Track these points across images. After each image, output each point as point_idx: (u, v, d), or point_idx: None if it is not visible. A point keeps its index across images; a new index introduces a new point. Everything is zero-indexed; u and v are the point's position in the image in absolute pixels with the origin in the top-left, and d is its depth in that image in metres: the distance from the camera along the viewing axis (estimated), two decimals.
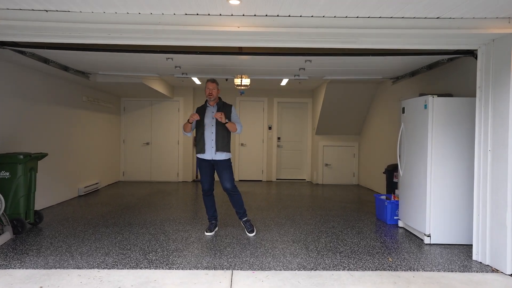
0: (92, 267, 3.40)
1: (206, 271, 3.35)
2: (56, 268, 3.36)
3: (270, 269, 3.43)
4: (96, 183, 7.70)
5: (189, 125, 4.45)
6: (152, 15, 3.28)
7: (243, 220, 4.60)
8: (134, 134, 9.41)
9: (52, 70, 5.55)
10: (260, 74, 6.40)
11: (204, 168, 4.52)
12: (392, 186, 5.93)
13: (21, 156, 4.41)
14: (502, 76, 3.46)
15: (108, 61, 5.27)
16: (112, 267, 3.42)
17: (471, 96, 4.34)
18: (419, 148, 4.39)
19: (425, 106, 4.25)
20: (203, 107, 4.58)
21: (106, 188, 8.10)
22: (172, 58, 4.97)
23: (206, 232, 4.54)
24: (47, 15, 3.21)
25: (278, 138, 9.81)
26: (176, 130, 9.42)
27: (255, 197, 7.25)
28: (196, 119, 4.39)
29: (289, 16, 3.31)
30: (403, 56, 4.60)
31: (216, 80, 4.51)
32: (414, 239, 4.44)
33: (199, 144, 4.47)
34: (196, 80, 7.71)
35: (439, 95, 4.24)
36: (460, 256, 3.85)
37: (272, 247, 4.07)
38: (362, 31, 3.47)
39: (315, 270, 3.42)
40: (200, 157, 4.51)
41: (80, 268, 3.37)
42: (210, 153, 4.45)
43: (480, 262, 3.67)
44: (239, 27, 3.41)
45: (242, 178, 9.75)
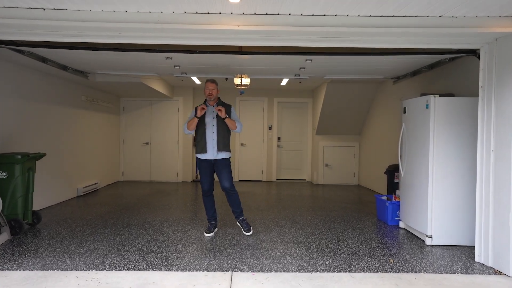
0: (90, 269, 3.36)
1: (205, 273, 3.31)
2: (54, 270, 3.33)
3: (270, 270, 3.39)
4: (95, 183, 7.66)
5: (196, 121, 4.37)
6: (150, 14, 3.24)
7: (240, 219, 4.61)
8: (133, 134, 9.37)
9: (51, 70, 5.51)
10: (260, 74, 6.36)
11: (205, 168, 4.49)
12: (393, 187, 5.89)
13: (19, 156, 4.37)
14: (505, 75, 3.42)
15: (107, 60, 5.23)
16: (111, 268, 3.39)
17: (473, 96, 4.30)
18: (421, 148, 4.35)
19: (427, 106, 4.21)
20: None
21: (105, 188, 8.06)
22: (171, 57, 4.93)
23: (206, 233, 4.50)
24: (45, 13, 3.17)
25: (278, 138, 9.77)
26: (176, 130, 9.38)
27: (255, 198, 7.21)
28: (204, 111, 4.33)
29: (290, 14, 3.27)
30: (404, 55, 4.55)
31: (216, 80, 4.48)
32: (416, 240, 4.40)
33: (199, 144, 4.43)
34: (195, 80, 7.67)
35: (440, 95, 4.21)
36: (462, 257, 3.81)
37: (272, 248, 4.03)
38: (364, 30, 3.44)
39: (315, 271, 3.38)
40: (201, 157, 4.47)
41: (78, 270, 3.33)
42: (211, 153, 4.42)
43: (483, 264, 3.63)
44: (239, 26, 3.37)
45: (242, 178, 9.71)
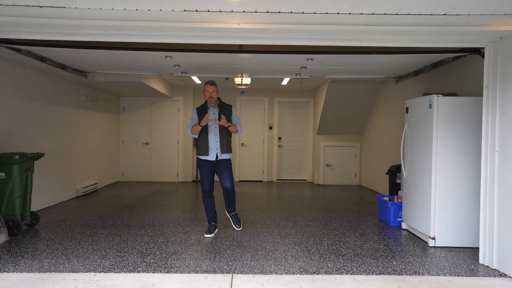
0: (89, 271, 3.31)
1: (205, 275, 3.26)
2: (51, 272, 3.27)
3: (271, 272, 3.33)
4: (95, 184, 7.61)
5: (200, 128, 4.35)
6: (150, 12, 3.18)
7: (232, 213, 4.73)
8: (133, 134, 9.32)
9: (50, 69, 5.45)
10: (261, 73, 6.31)
11: (206, 168, 4.47)
12: (395, 187, 5.83)
13: (17, 156, 4.32)
14: (510, 74, 3.36)
15: (106, 60, 5.17)
16: (109, 270, 3.33)
17: (477, 95, 4.24)
18: (424, 148, 4.29)
19: (430, 106, 4.16)
20: (204, 108, 4.50)
21: (105, 189, 8.01)
22: (171, 56, 4.88)
23: (206, 234, 4.45)
24: (42, 11, 3.12)
25: (279, 138, 9.71)
26: (176, 130, 9.32)
27: (256, 198, 7.15)
28: (210, 121, 4.31)
29: (291, 12, 3.21)
30: (407, 54, 4.49)
31: (215, 82, 4.43)
32: (418, 241, 4.34)
33: (202, 146, 4.41)
34: (195, 79, 7.61)
35: (443, 94, 4.15)
36: (466, 259, 3.75)
37: (273, 249, 3.98)
38: (366, 28, 3.38)
39: (317, 274, 3.32)
40: (203, 158, 4.45)
41: (76, 272, 3.28)
42: (214, 155, 4.42)
43: (487, 266, 3.57)
44: (239, 24, 3.32)
45: (242, 178, 9.65)
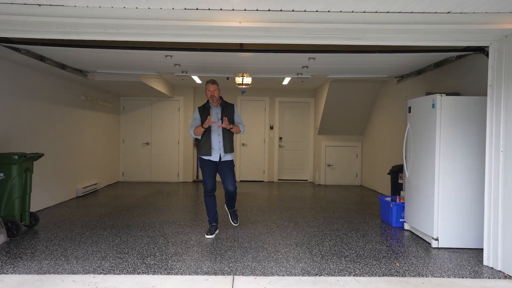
0: (88, 272, 3.27)
1: (206, 277, 3.21)
2: (50, 273, 3.23)
3: (272, 274, 3.29)
4: (95, 184, 7.58)
5: (203, 129, 4.33)
6: (149, 10, 3.14)
7: (232, 209, 4.77)
8: (133, 133, 9.28)
9: (49, 68, 5.41)
10: (262, 73, 6.27)
11: (209, 168, 4.45)
12: (397, 188, 5.79)
13: (16, 157, 4.28)
14: None
15: (105, 59, 5.14)
16: (109, 272, 3.29)
17: (480, 94, 4.19)
18: (427, 148, 4.25)
19: (433, 105, 4.11)
20: (206, 108, 4.47)
21: (105, 189, 7.97)
22: (171, 56, 4.84)
23: (207, 234, 4.41)
24: (40, 9, 3.08)
25: (280, 138, 9.67)
26: (177, 130, 9.29)
27: (257, 198, 7.11)
28: (213, 123, 4.29)
29: (293, 11, 3.17)
30: (410, 53, 4.45)
31: (216, 81, 4.41)
32: (421, 242, 4.29)
33: (205, 146, 4.39)
34: (196, 79, 7.58)
35: (446, 94, 4.10)
36: (470, 261, 3.71)
37: (274, 251, 3.93)
38: (369, 27, 3.34)
39: (319, 275, 3.28)
40: (206, 158, 4.43)
41: (75, 273, 3.24)
42: (217, 155, 4.41)
43: (492, 268, 3.52)
44: (240, 23, 3.28)
45: (243, 178, 9.60)
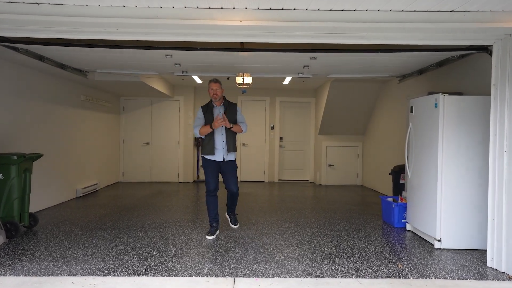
0: (87, 274, 3.23)
1: (207, 279, 3.18)
2: (49, 275, 3.20)
3: (274, 276, 3.25)
4: (94, 184, 7.54)
5: (210, 130, 4.31)
6: (149, 9, 3.11)
7: (233, 213, 4.77)
8: (133, 134, 9.24)
9: (49, 68, 5.37)
10: (262, 72, 6.23)
11: (212, 168, 4.44)
12: (398, 188, 5.75)
13: (15, 157, 4.25)
14: None
15: (105, 58, 5.10)
16: (108, 273, 3.26)
17: (482, 94, 4.16)
18: (429, 148, 4.21)
19: (436, 105, 4.07)
20: (209, 107, 4.46)
21: (105, 189, 7.93)
22: (171, 55, 4.80)
23: (207, 235, 4.37)
24: (39, 8, 3.04)
25: (281, 138, 9.63)
26: (177, 130, 9.25)
27: (257, 199, 7.07)
28: (222, 123, 4.24)
29: (295, 9, 3.14)
30: (413, 52, 4.41)
31: (219, 79, 4.40)
32: (424, 243, 4.26)
33: (208, 145, 4.37)
34: (196, 79, 7.54)
35: (449, 93, 4.06)
36: (474, 262, 3.67)
37: (276, 252, 3.90)
38: (371, 26, 3.31)
39: (321, 277, 3.24)
40: (210, 158, 4.42)
41: (75, 275, 3.20)
42: (220, 155, 4.39)
43: (496, 269, 3.48)
44: (241, 21, 3.25)
45: (243, 179, 9.56)
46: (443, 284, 3.13)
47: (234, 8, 3.13)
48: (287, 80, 7.55)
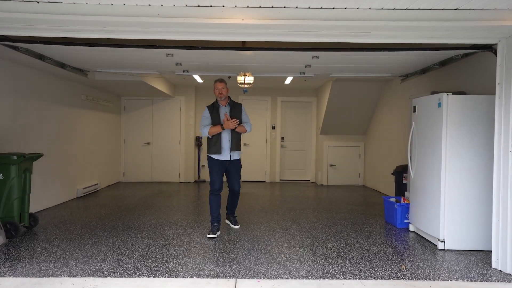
0: (87, 275, 3.20)
1: (208, 280, 3.14)
2: (49, 276, 3.17)
3: (276, 277, 3.22)
4: (95, 184, 7.51)
5: (221, 130, 4.37)
6: (150, 7, 3.07)
7: (233, 215, 4.86)
8: (134, 133, 9.21)
9: (48, 67, 5.34)
10: (264, 72, 6.19)
11: (218, 168, 4.49)
12: (401, 188, 5.71)
13: (15, 157, 4.22)
14: None
15: (105, 58, 5.06)
16: (109, 274, 3.22)
17: (486, 93, 4.11)
18: (432, 148, 4.17)
19: (439, 105, 4.03)
20: (215, 107, 4.53)
21: (105, 189, 7.90)
22: (172, 54, 4.77)
23: (209, 234, 4.36)
24: (38, 6, 3.01)
25: (282, 138, 9.59)
26: (178, 129, 9.21)
27: (259, 199, 7.04)
28: (234, 122, 4.33)
29: (297, 7, 3.09)
30: (416, 51, 4.36)
31: (224, 79, 4.51)
32: (427, 244, 4.21)
33: (215, 145, 4.43)
34: (197, 78, 7.51)
35: (452, 93, 4.02)
36: (478, 263, 3.62)
37: (277, 252, 3.86)
38: (375, 24, 3.26)
39: (324, 278, 3.20)
40: (217, 158, 4.46)
41: (74, 276, 3.17)
42: (227, 154, 4.45)
43: (501, 271, 3.43)
44: (243, 20, 3.21)
45: (244, 179, 9.50)
46: (448, 286, 3.09)
47: (236, 7, 3.09)
48: (288, 80, 7.51)
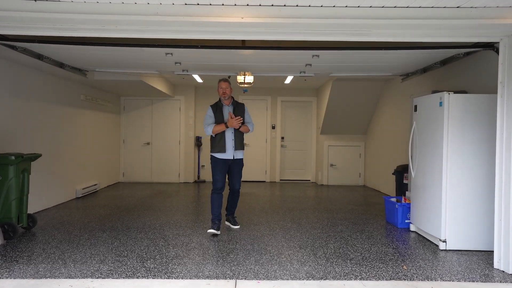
0: (85, 276, 3.17)
1: (207, 281, 3.11)
2: (47, 278, 3.13)
3: (276, 278, 3.18)
4: (94, 184, 7.47)
5: (225, 128, 4.41)
6: (149, 5, 3.04)
7: (233, 216, 4.84)
8: (134, 133, 9.18)
9: (47, 67, 5.31)
10: (264, 71, 6.16)
11: (221, 167, 4.51)
12: (402, 188, 5.68)
13: (13, 157, 4.18)
14: None
15: (104, 57, 5.03)
16: (107, 276, 3.19)
17: (487, 92, 4.08)
18: (434, 147, 4.14)
19: (440, 104, 4.00)
20: (219, 106, 4.56)
21: (105, 190, 7.87)
22: (171, 53, 4.73)
23: (210, 230, 4.38)
24: (36, 5, 2.98)
25: (282, 138, 9.56)
26: (178, 129, 9.18)
27: (259, 199, 7.00)
28: (239, 124, 4.39)
29: (297, 6, 3.07)
30: (417, 50, 4.32)
31: (228, 79, 4.56)
32: (429, 244, 4.18)
33: (219, 144, 4.45)
34: (197, 78, 7.47)
35: (454, 92, 3.99)
36: (480, 264, 3.59)
37: (278, 253, 3.83)
38: (376, 22, 3.24)
39: (324, 279, 3.17)
40: (220, 157, 4.48)
41: (72, 278, 3.14)
42: (231, 153, 4.48)
43: (503, 271, 3.40)
44: (243, 18, 3.18)
45: (244, 179, 9.43)
46: (449, 287, 3.06)
47: (235, 5, 3.06)
48: (288, 79, 7.48)
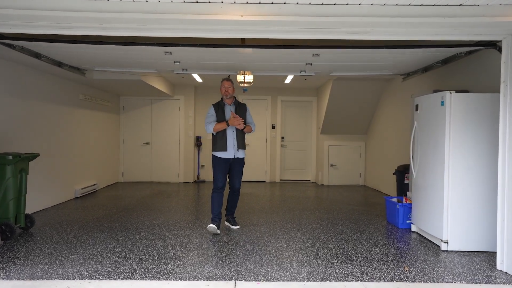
0: (83, 278, 3.13)
1: (207, 282, 3.07)
2: (44, 279, 3.09)
3: (276, 279, 3.14)
4: (93, 185, 7.43)
5: (226, 127, 4.41)
6: (147, 3, 2.99)
7: (232, 216, 4.80)
8: (133, 133, 9.14)
9: (45, 66, 5.26)
10: (264, 70, 6.12)
11: (222, 166, 4.51)
12: (403, 188, 5.63)
13: (10, 157, 4.14)
14: None
15: (103, 56, 4.99)
16: (105, 277, 3.15)
17: (489, 91, 4.04)
18: (435, 147, 4.10)
19: (442, 103, 3.96)
20: (221, 106, 4.56)
21: (104, 190, 7.83)
22: (170, 52, 4.70)
23: (210, 225, 4.39)
24: (33, 2, 2.93)
25: (282, 137, 9.52)
26: (177, 129, 9.14)
27: (259, 199, 6.96)
28: (240, 124, 4.38)
29: (297, 4, 3.02)
30: (419, 48, 4.28)
31: (231, 79, 4.58)
32: (430, 245, 4.14)
33: (220, 142, 4.46)
34: (197, 78, 7.44)
35: (456, 91, 3.95)
36: (483, 265, 3.55)
37: (278, 254, 3.78)
38: (377, 20, 3.19)
39: (325, 280, 3.13)
40: (221, 155, 4.48)
41: (70, 279, 3.09)
42: (232, 152, 4.48)
43: (506, 272, 3.36)
44: (242, 16, 3.14)
45: (244, 179, 9.27)
46: None
47: (235, 3, 3.01)
48: (288, 79, 7.44)
